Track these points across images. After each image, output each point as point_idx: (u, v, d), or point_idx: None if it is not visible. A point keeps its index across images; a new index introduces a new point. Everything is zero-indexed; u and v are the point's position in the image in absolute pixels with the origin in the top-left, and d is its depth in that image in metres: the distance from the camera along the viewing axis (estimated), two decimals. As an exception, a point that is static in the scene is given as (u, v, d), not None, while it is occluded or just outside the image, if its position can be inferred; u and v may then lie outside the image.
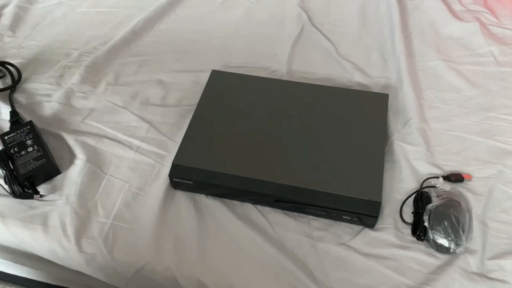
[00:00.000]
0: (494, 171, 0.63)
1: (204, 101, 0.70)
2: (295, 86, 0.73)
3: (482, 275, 0.53)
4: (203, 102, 0.70)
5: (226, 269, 0.55)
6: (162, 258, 0.56)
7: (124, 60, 0.84)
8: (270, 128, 0.65)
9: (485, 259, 0.54)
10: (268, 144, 0.63)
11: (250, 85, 0.73)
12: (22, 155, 0.64)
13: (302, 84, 0.74)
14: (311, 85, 0.73)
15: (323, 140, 0.63)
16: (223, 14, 0.95)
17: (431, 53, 0.83)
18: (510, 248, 0.55)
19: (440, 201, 0.57)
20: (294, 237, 0.58)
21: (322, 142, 0.63)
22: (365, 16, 0.93)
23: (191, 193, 0.62)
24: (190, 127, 0.66)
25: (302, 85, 0.73)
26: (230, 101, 0.70)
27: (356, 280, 0.54)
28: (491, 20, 0.88)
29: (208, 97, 0.71)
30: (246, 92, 0.71)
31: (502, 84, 0.76)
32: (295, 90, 0.72)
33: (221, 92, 0.71)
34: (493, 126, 0.69)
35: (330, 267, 0.55)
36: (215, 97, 0.71)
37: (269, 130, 0.65)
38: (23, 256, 0.64)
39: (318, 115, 0.67)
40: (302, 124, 0.66)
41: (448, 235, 0.54)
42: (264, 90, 0.71)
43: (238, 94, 0.71)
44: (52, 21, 0.94)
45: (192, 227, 0.59)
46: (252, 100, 0.70)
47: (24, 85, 0.79)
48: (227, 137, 0.64)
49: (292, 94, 0.71)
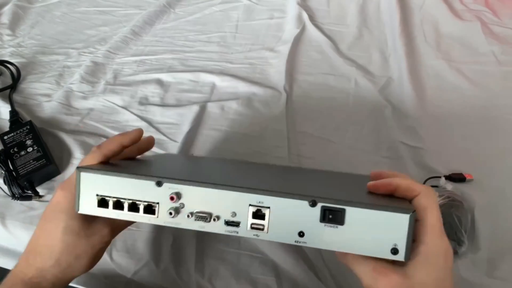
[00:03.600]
0: (496, 171, 0.63)
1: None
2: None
3: (484, 275, 0.53)
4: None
5: (225, 269, 0.55)
6: (161, 258, 0.56)
7: (124, 60, 0.84)
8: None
9: (488, 259, 0.54)
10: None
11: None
12: (22, 155, 0.63)
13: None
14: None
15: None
16: (223, 13, 0.95)
17: (432, 52, 0.83)
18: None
19: (442, 201, 0.57)
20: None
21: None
22: (366, 15, 0.93)
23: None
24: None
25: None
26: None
27: (354, 279, 0.53)
28: (492, 20, 0.88)
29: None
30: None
31: (503, 83, 0.76)
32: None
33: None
34: (495, 125, 0.69)
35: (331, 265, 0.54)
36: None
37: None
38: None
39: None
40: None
41: (450, 235, 0.54)
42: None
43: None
44: (51, 20, 0.94)
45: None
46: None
47: (24, 85, 0.79)
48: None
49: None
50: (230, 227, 0.37)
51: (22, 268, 0.41)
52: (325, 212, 0.35)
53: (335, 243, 0.35)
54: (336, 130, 0.70)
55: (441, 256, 0.35)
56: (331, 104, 0.75)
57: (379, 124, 0.71)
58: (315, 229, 0.35)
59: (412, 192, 0.36)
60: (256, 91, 0.76)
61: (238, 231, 0.36)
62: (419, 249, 0.35)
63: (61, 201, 0.41)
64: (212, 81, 0.79)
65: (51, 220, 0.41)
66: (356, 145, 0.68)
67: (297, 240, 0.36)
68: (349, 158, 0.66)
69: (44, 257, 0.40)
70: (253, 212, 0.36)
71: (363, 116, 0.72)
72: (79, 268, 0.42)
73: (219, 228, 0.37)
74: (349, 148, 0.68)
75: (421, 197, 0.36)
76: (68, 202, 0.40)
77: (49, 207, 0.42)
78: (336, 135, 0.70)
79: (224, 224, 0.37)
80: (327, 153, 0.67)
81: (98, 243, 0.42)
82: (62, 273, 0.41)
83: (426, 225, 0.35)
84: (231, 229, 0.37)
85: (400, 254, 0.34)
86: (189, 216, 0.37)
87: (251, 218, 0.36)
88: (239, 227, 0.36)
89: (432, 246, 0.35)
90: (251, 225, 0.36)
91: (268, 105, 0.74)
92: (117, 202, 0.38)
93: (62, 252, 0.40)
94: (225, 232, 0.37)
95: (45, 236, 0.41)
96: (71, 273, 0.42)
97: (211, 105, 0.74)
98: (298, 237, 0.36)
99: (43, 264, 0.40)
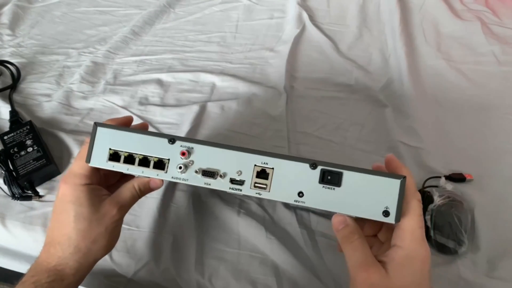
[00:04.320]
0: (496, 171, 0.63)
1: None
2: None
3: (484, 275, 0.53)
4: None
5: (225, 269, 0.55)
6: (161, 258, 0.56)
7: (123, 60, 0.84)
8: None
9: (488, 259, 0.54)
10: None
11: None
12: (22, 155, 0.63)
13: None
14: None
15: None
16: (223, 13, 0.95)
17: (432, 52, 0.83)
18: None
19: (442, 201, 0.57)
20: (296, 233, 0.57)
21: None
22: (366, 15, 0.93)
23: (191, 192, 0.62)
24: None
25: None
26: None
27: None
28: (492, 20, 0.88)
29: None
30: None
31: (503, 83, 0.76)
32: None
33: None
34: (495, 125, 0.69)
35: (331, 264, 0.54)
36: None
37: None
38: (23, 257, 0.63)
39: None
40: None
41: (450, 235, 0.54)
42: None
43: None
44: (51, 20, 0.94)
45: (191, 227, 0.58)
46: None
47: (23, 85, 0.79)
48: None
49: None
50: (234, 185, 0.39)
51: (45, 258, 0.44)
52: (324, 174, 0.38)
53: (331, 203, 0.38)
54: (336, 130, 0.70)
55: (419, 261, 0.37)
56: (331, 104, 0.75)
57: (379, 124, 0.71)
58: (314, 190, 0.38)
59: (406, 188, 0.38)
60: (256, 91, 0.76)
61: (242, 189, 0.39)
62: (399, 253, 0.37)
63: (66, 193, 0.43)
64: (212, 81, 0.79)
65: (61, 212, 0.44)
66: (356, 145, 0.68)
67: (296, 199, 0.39)
68: (349, 158, 0.66)
69: (63, 246, 0.43)
70: (257, 171, 0.39)
71: (363, 116, 0.72)
72: (99, 250, 0.45)
73: (224, 185, 0.40)
74: (349, 148, 0.68)
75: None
76: (73, 192, 0.43)
77: (57, 201, 0.44)
78: (336, 135, 0.70)
79: (229, 182, 0.39)
80: (327, 153, 0.67)
81: (110, 223, 0.44)
82: (84, 258, 0.44)
83: (407, 230, 0.38)
84: (235, 187, 0.39)
85: (391, 216, 0.37)
86: (197, 172, 0.40)
87: (255, 177, 0.39)
88: (243, 185, 0.39)
89: (411, 251, 0.37)
90: (254, 184, 0.39)
91: (268, 105, 0.74)
92: (129, 157, 0.41)
93: (78, 239, 0.43)
94: (229, 189, 0.39)
95: (60, 227, 0.44)
96: (93, 256, 0.45)
97: (211, 105, 0.74)
98: (298, 197, 0.39)
99: (63, 252, 0.43)
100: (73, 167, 0.44)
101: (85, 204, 0.43)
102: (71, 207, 0.43)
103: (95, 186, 0.45)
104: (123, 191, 0.46)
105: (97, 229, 0.44)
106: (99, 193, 0.45)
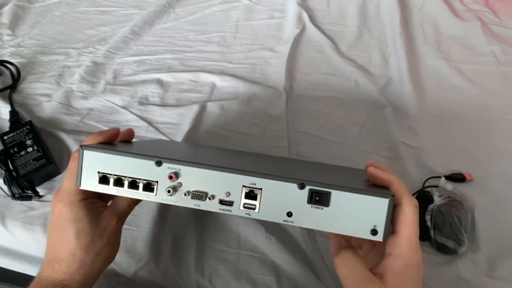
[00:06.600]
0: (495, 171, 0.63)
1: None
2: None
3: (484, 275, 0.53)
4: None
5: (225, 269, 0.55)
6: (161, 258, 0.56)
7: (123, 60, 0.84)
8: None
9: (488, 259, 0.54)
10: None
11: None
12: (22, 155, 0.63)
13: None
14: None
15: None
16: (223, 13, 0.95)
17: (432, 52, 0.83)
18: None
19: (442, 201, 0.57)
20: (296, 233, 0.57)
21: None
22: (366, 15, 0.93)
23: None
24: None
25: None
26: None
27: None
28: (492, 20, 0.88)
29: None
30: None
31: (503, 83, 0.76)
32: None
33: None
34: (495, 125, 0.69)
35: (331, 265, 0.54)
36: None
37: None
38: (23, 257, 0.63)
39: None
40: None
41: (450, 235, 0.54)
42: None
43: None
44: (51, 20, 0.94)
45: (191, 227, 0.58)
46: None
47: (23, 85, 0.79)
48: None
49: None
50: (224, 205, 0.39)
51: (50, 273, 0.43)
52: (312, 194, 0.38)
53: (319, 223, 0.38)
54: (336, 130, 0.70)
55: (416, 268, 0.38)
56: (331, 104, 0.75)
57: (379, 124, 0.71)
58: (302, 209, 0.38)
59: (400, 195, 0.38)
60: (256, 91, 0.76)
61: (231, 209, 0.39)
62: (396, 262, 0.37)
63: (63, 211, 0.43)
64: (212, 81, 0.79)
65: (61, 229, 0.43)
66: (356, 145, 0.68)
67: (285, 219, 0.38)
68: (349, 158, 0.66)
69: (68, 262, 0.43)
70: (246, 192, 0.39)
71: (363, 116, 0.72)
72: (103, 261, 0.45)
73: (213, 206, 0.39)
74: (349, 148, 0.68)
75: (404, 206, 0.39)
76: (71, 209, 0.43)
77: (54, 218, 0.44)
78: (336, 135, 0.70)
79: (218, 203, 0.39)
80: (327, 153, 0.67)
81: (111, 234, 0.45)
82: (89, 271, 0.44)
83: (404, 238, 0.38)
84: (224, 208, 0.39)
85: (379, 235, 0.37)
86: (186, 194, 0.39)
87: (244, 198, 0.39)
88: (232, 206, 0.39)
89: (408, 259, 0.38)
90: (243, 205, 0.39)
91: (268, 105, 0.74)
92: (117, 180, 0.40)
93: (83, 254, 0.43)
94: (219, 210, 0.39)
95: (61, 244, 0.43)
96: (98, 268, 0.45)
97: (211, 105, 0.74)
98: (287, 216, 0.38)
99: (68, 268, 0.43)
100: (66, 184, 0.43)
101: (85, 220, 0.43)
102: (71, 224, 0.43)
103: (91, 200, 0.45)
104: (120, 201, 0.46)
105: (100, 242, 0.44)
106: (96, 205, 0.45)
